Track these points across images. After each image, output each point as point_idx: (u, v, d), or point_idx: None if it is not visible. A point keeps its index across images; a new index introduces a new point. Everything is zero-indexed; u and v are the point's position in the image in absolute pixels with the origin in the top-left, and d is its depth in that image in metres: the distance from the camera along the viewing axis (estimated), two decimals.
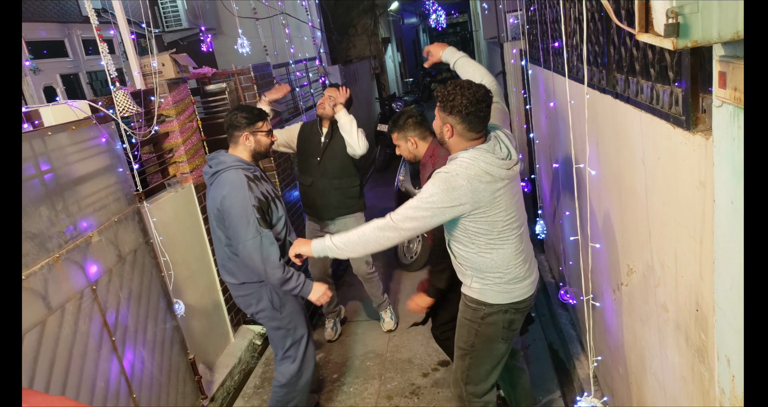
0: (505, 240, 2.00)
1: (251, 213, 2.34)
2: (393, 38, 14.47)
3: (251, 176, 2.43)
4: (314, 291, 2.51)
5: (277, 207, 2.51)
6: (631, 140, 1.68)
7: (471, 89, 1.86)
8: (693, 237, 1.31)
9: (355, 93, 8.83)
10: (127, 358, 2.49)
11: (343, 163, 3.44)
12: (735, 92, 0.96)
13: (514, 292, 2.09)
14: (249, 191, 2.36)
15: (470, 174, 1.86)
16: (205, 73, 3.79)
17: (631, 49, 1.59)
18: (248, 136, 2.47)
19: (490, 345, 2.16)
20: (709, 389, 1.35)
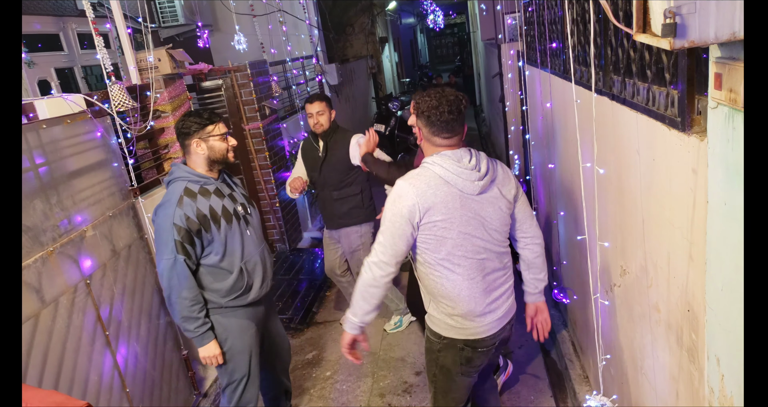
0: (456, 265, 1.86)
1: (170, 231, 2.13)
2: (390, 38, 14.47)
3: (196, 189, 2.20)
4: (206, 348, 2.28)
5: (218, 228, 2.21)
6: (628, 142, 1.69)
7: (440, 93, 1.83)
8: (686, 238, 1.32)
9: (351, 92, 8.85)
10: (121, 353, 2.48)
11: (341, 174, 3.45)
12: (731, 94, 0.97)
13: (470, 329, 1.93)
14: (177, 207, 2.14)
15: (419, 180, 1.81)
16: (201, 70, 3.79)
17: (629, 51, 1.60)
18: (199, 143, 2.22)
19: (451, 377, 2.06)
20: (698, 388, 1.36)
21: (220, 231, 2.22)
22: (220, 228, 2.22)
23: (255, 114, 4.52)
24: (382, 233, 1.86)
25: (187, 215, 2.15)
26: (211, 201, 2.22)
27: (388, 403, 3.09)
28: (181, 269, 2.16)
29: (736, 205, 1.02)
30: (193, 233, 2.16)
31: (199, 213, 2.18)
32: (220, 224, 2.22)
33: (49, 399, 0.82)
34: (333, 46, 9.55)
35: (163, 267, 2.17)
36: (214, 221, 2.21)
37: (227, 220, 2.25)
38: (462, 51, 19.28)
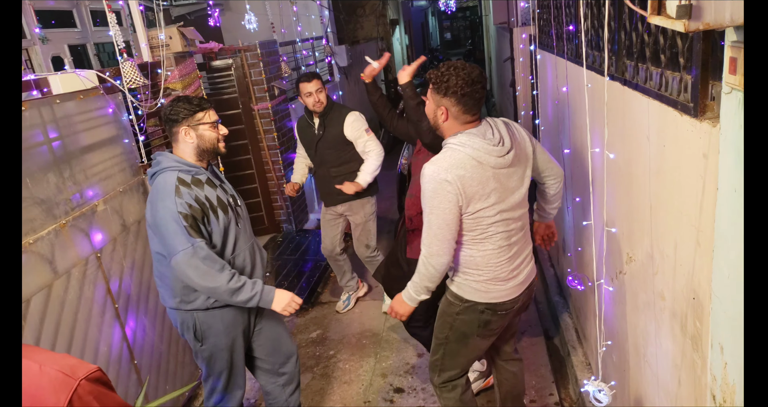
0: (489, 238, 1.91)
1: (178, 221, 1.96)
2: (401, 20, 14.31)
3: (188, 180, 2.04)
4: (277, 299, 2.11)
5: (217, 218, 2.08)
6: (639, 127, 1.68)
7: (465, 70, 1.79)
8: (693, 225, 1.32)
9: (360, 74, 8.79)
10: (130, 325, 2.53)
11: (338, 151, 3.46)
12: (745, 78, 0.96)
13: (493, 293, 2.00)
14: (176, 197, 1.98)
15: (453, 163, 1.79)
16: (211, 48, 3.78)
17: (642, 35, 1.58)
18: (187, 131, 2.06)
19: (465, 340, 2.11)
20: (701, 376, 1.37)
21: (219, 222, 2.07)
22: (218, 218, 2.07)
23: (264, 94, 4.51)
24: (431, 223, 1.84)
25: (189, 203, 1.99)
26: (205, 191, 2.07)
27: (390, 383, 3.13)
28: (203, 252, 1.98)
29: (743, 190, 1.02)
30: (198, 220, 2.01)
31: (199, 200, 2.02)
32: (218, 214, 2.08)
33: (63, 362, 0.84)
34: (343, 28, 9.47)
35: (182, 260, 1.96)
36: (212, 211, 2.06)
37: (223, 210, 2.10)
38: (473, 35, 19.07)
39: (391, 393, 3.05)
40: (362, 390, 3.10)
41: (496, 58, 9.19)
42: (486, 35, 11.76)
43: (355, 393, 3.08)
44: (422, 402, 2.95)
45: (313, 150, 3.50)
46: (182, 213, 1.97)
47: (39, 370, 0.81)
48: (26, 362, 0.80)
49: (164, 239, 1.99)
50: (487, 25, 11.21)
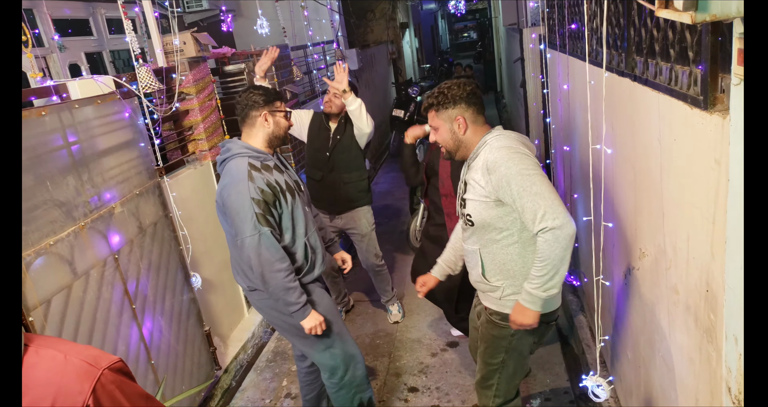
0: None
1: (249, 207, 2.04)
2: (411, 23, 14.36)
3: (258, 165, 2.12)
4: (310, 318, 2.18)
5: (286, 201, 2.15)
6: (648, 123, 1.68)
7: (453, 82, 1.89)
8: (706, 218, 1.33)
9: (371, 78, 8.84)
10: (146, 326, 2.57)
11: (352, 157, 3.42)
12: None
13: (551, 301, 1.87)
14: (249, 181, 2.05)
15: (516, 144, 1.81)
16: (224, 53, 3.83)
17: (652, 31, 1.59)
18: (267, 116, 2.16)
19: (522, 360, 2.05)
20: (716, 369, 1.37)
21: (288, 205, 2.16)
22: (287, 202, 2.16)
23: None
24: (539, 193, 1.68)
25: (261, 187, 2.06)
26: (274, 176, 2.15)
27: (404, 382, 3.14)
28: (268, 242, 2.05)
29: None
30: (270, 204, 2.08)
31: (270, 185, 2.10)
32: (287, 198, 2.16)
33: (86, 352, 0.87)
34: (354, 32, 9.53)
35: (248, 246, 2.05)
36: (282, 194, 2.14)
37: (291, 194, 2.19)
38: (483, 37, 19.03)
39: (405, 392, 3.06)
40: (376, 390, 3.11)
41: (506, 60, 9.18)
42: (496, 37, 11.76)
43: None
44: (437, 401, 2.96)
45: (326, 154, 3.42)
46: (255, 199, 2.05)
47: (64, 359, 0.84)
48: (52, 352, 0.83)
49: (234, 223, 2.09)
50: (497, 27, 11.21)
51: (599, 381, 1.76)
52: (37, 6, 4.14)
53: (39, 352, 0.82)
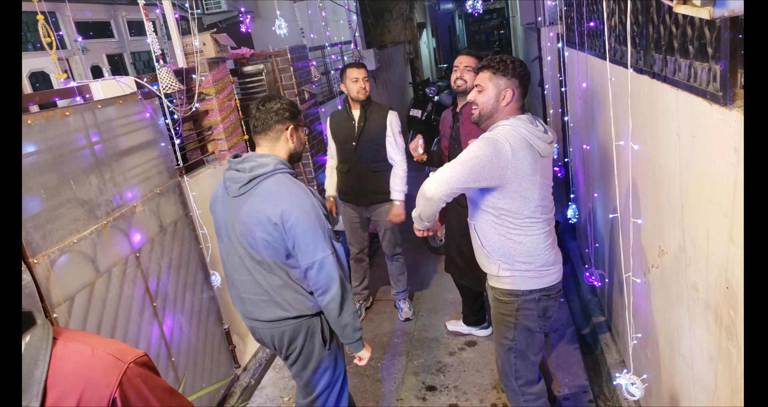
0: (535, 222, 1.97)
1: (324, 224, 1.89)
2: (428, 24, 14.34)
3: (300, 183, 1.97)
4: (366, 350, 2.12)
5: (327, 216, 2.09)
6: (667, 119, 1.67)
7: (518, 60, 1.97)
8: (725, 214, 1.31)
9: (388, 78, 8.85)
10: (167, 324, 2.61)
11: (378, 145, 3.45)
12: None
13: (546, 278, 2.04)
14: (312, 197, 1.90)
15: (513, 139, 1.87)
16: (243, 54, 3.88)
17: (670, 27, 1.57)
18: (293, 131, 1.99)
19: (531, 335, 2.12)
20: (736, 366, 1.35)
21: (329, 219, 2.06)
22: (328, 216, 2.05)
23: (295, 98, 4.60)
24: (461, 163, 1.87)
25: (322, 203, 1.96)
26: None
27: (422, 381, 3.14)
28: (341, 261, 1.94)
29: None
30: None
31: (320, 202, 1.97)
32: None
33: (113, 346, 0.90)
34: (371, 32, 9.56)
35: (329, 265, 1.89)
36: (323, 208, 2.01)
37: (324, 207, 2.04)
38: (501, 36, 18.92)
39: (423, 391, 3.07)
40: (394, 389, 3.12)
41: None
42: (514, 36, 11.68)
43: (387, 391, 3.11)
44: (455, 400, 2.95)
45: (353, 143, 3.43)
46: (324, 214, 1.91)
47: (91, 353, 0.86)
48: (80, 345, 0.86)
49: (309, 244, 1.87)
50: (515, 26, 11.13)
51: (633, 378, 1.74)
52: (60, 9, 4.24)
53: (67, 345, 0.85)
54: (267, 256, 1.94)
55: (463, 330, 3.47)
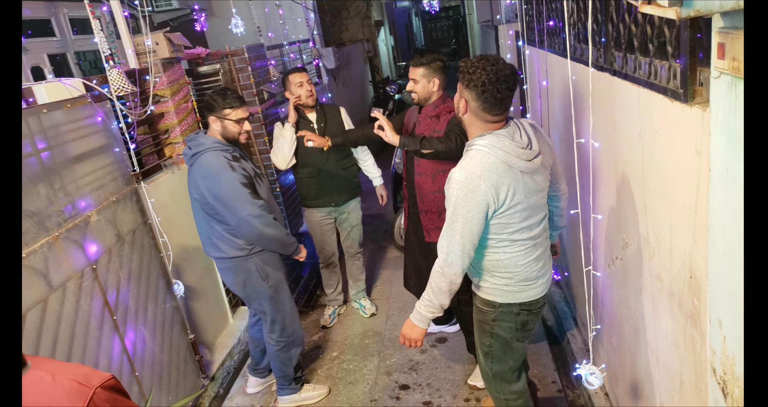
0: (515, 242, 1.87)
1: (241, 190, 2.42)
2: (386, 21, 14.34)
3: (230, 157, 2.49)
4: (303, 250, 2.78)
5: (260, 185, 2.58)
6: (629, 116, 1.70)
7: (495, 65, 1.70)
8: (688, 207, 1.35)
9: (348, 76, 8.80)
10: (129, 337, 2.51)
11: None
12: (734, 62, 0.98)
13: (525, 292, 1.96)
14: (232, 171, 2.44)
15: (485, 169, 1.73)
16: (198, 54, 3.76)
17: (630, 26, 1.60)
18: (215, 120, 2.52)
19: (507, 344, 2.08)
20: (700, 352, 1.40)
21: (262, 188, 2.57)
22: (261, 185, 2.57)
23: (253, 98, 4.50)
24: (454, 231, 1.76)
25: (243, 174, 2.46)
26: (246, 165, 2.54)
27: (396, 381, 3.14)
28: (266, 211, 2.49)
29: (737, 172, 1.04)
30: (253, 186, 2.49)
31: (247, 172, 2.49)
32: (259, 182, 2.58)
33: (76, 371, 0.84)
34: (329, 30, 9.47)
35: (255, 219, 2.46)
36: (256, 179, 2.56)
37: (260, 179, 2.60)
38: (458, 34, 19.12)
39: (396, 390, 3.06)
40: (368, 389, 3.10)
41: None
42: (470, 34, 11.82)
43: (360, 393, 3.08)
44: (428, 397, 2.96)
45: None
46: (243, 183, 2.44)
47: (52, 380, 0.80)
48: (38, 373, 0.80)
49: (233, 206, 2.44)
50: (472, 24, 11.26)
51: (592, 369, 1.78)
52: None
53: (24, 374, 0.79)
54: (203, 212, 2.57)
55: (432, 329, 3.47)
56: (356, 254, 3.81)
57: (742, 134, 0.99)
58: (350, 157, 3.53)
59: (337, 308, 3.90)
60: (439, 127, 2.60)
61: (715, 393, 1.24)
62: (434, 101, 2.63)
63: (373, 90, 10.47)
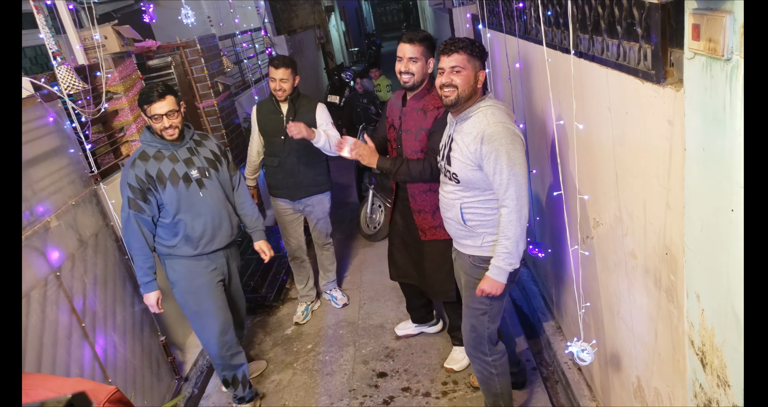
0: None
1: (125, 190, 2.39)
2: (336, 7, 14.13)
3: (150, 153, 2.43)
4: (146, 297, 2.54)
5: (164, 188, 2.42)
6: (598, 97, 1.74)
7: (477, 41, 2.05)
8: (662, 186, 1.40)
9: (302, 64, 8.63)
10: (99, 344, 2.42)
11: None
12: (709, 43, 1.02)
13: None
14: (130, 169, 2.39)
15: (508, 119, 1.99)
16: (149, 47, 3.60)
17: (596, 8, 1.63)
18: (143, 115, 2.46)
19: (502, 300, 2.23)
20: (677, 325, 1.46)
21: (165, 192, 2.43)
22: (165, 189, 2.43)
23: (208, 91, 4.36)
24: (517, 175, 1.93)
25: (138, 175, 2.38)
26: (161, 164, 2.43)
27: (373, 369, 3.16)
28: (132, 223, 2.41)
29: (714, 150, 1.08)
30: (144, 191, 2.40)
31: (147, 174, 2.40)
32: (165, 186, 2.43)
33: (80, 388, 0.80)
34: (280, 17, 9.25)
35: (122, 222, 2.46)
36: (159, 183, 2.42)
37: (173, 183, 2.44)
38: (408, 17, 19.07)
39: (374, 378, 3.08)
40: (345, 380, 3.10)
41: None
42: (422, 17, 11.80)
43: (339, 384, 3.09)
44: (406, 383, 2.99)
45: (282, 137, 3.29)
46: (129, 184, 2.39)
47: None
48: (42, 392, 0.75)
49: None
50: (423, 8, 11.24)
51: (584, 345, 1.84)
52: None
53: (29, 394, 0.74)
54: None
55: (413, 331, 3.38)
56: (325, 244, 3.76)
57: (720, 115, 1.03)
58: (318, 153, 3.36)
59: (309, 304, 3.85)
60: (426, 125, 2.47)
61: (693, 364, 1.31)
62: (420, 90, 2.47)
63: (327, 77, 10.34)
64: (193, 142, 2.56)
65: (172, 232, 2.51)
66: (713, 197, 1.11)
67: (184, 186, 2.46)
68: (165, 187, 2.43)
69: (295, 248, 3.65)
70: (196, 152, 2.55)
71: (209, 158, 2.59)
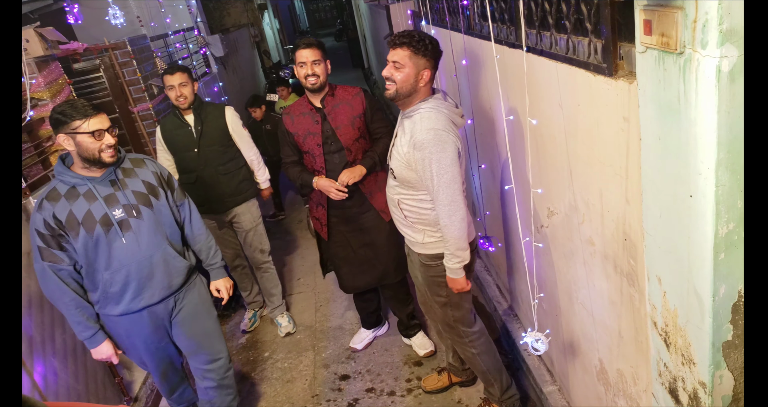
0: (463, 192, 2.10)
1: (34, 239, 2.02)
2: (269, 4, 13.84)
3: (62, 192, 2.03)
4: (95, 351, 2.19)
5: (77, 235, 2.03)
6: (547, 91, 1.78)
7: (433, 38, 1.95)
8: (618, 174, 1.44)
9: (237, 63, 8.41)
10: (38, 371, 2.25)
11: (224, 146, 3.18)
12: (662, 38, 1.05)
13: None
14: (37, 212, 2.00)
15: (444, 123, 1.94)
16: (75, 49, 3.37)
17: (542, 4, 1.66)
18: (65, 138, 1.97)
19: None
20: (639, 307, 1.52)
21: (78, 240, 2.03)
22: (77, 236, 2.02)
23: (143, 94, 4.14)
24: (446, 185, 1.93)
25: (45, 220, 2.00)
26: (73, 206, 2.02)
27: (334, 372, 3.11)
28: (50, 276, 2.05)
29: (670, 140, 1.12)
30: (57, 237, 2.02)
31: (55, 219, 2.01)
32: (77, 232, 2.02)
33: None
34: (212, 15, 8.94)
35: (38, 276, 2.07)
36: (69, 229, 2.02)
37: (87, 229, 2.03)
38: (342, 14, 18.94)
39: (337, 381, 3.04)
40: (307, 386, 3.04)
41: (372, 37, 9.24)
42: (357, 13, 11.76)
43: (300, 390, 3.02)
44: (370, 383, 2.97)
45: (195, 150, 3.12)
46: (38, 231, 2.01)
47: None
48: None
49: None
50: (357, 5, 11.20)
51: (538, 335, 1.88)
52: None
53: None
54: None
55: (368, 338, 3.31)
56: (262, 263, 3.46)
57: (675, 106, 1.06)
58: (235, 160, 3.24)
59: (257, 310, 3.74)
60: (357, 111, 2.64)
61: (657, 344, 1.36)
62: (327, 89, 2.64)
63: (264, 76, 10.12)
64: (120, 172, 2.13)
65: (92, 286, 2.13)
66: (671, 184, 1.15)
67: (102, 232, 2.04)
68: (78, 234, 2.02)
69: (232, 257, 3.47)
70: (122, 186, 2.11)
71: (140, 191, 2.15)
